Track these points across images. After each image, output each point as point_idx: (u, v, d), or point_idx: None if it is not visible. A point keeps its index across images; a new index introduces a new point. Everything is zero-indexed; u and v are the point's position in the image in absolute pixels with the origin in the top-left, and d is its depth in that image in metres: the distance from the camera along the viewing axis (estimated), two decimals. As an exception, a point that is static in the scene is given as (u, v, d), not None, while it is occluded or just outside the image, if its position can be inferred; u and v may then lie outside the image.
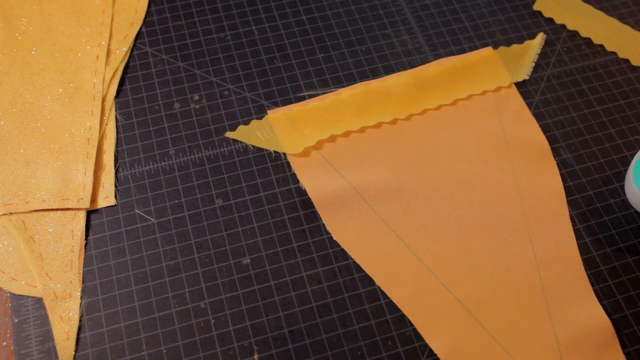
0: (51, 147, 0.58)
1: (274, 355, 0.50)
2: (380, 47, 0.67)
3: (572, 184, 0.59)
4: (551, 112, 0.63)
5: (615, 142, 0.62)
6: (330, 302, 0.52)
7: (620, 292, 0.53)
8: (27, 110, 0.60)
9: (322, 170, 0.57)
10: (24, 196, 0.55)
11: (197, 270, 0.53)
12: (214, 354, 0.50)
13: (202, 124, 0.61)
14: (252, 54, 0.65)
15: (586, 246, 0.56)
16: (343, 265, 0.54)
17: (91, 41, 0.64)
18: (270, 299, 0.52)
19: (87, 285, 0.52)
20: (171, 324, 0.51)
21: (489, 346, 0.50)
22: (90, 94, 0.61)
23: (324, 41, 0.67)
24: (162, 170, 0.58)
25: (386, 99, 0.61)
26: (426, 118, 0.61)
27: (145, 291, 0.52)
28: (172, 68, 0.64)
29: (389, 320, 0.52)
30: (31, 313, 0.51)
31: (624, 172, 0.60)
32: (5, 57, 0.62)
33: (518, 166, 0.59)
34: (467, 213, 0.56)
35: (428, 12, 0.70)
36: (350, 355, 0.50)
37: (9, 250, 0.53)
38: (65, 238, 0.54)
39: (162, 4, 0.68)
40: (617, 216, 0.57)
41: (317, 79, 0.64)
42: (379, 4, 0.70)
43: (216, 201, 0.57)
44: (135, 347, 0.50)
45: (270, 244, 0.55)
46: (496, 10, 0.70)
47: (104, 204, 0.56)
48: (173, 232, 0.55)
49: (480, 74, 0.64)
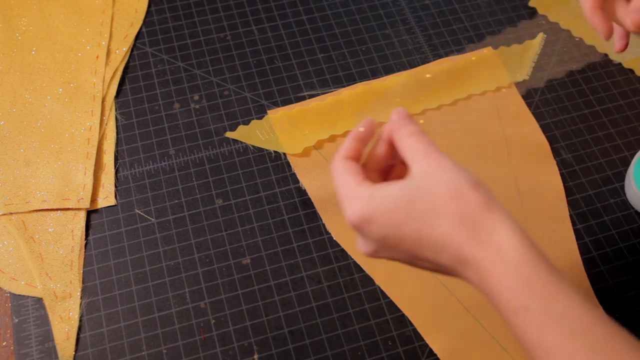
0: (51, 147, 0.58)
1: (274, 355, 0.50)
2: (380, 47, 0.67)
3: (572, 184, 0.59)
4: (551, 112, 0.63)
5: (615, 142, 0.62)
6: (330, 302, 0.52)
7: (620, 292, 0.53)
8: (27, 110, 0.60)
9: (322, 170, 0.57)
10: (24, 196, 0.55)
11: (197, 270, 0.53)
12: (214, 354, 0.50)
13: (202, 124, 0.61)
14: (252, 54, 0.65)
15: (586, 246, 0.56)
16: (343, 265, 0.54)
17: (91, 41, 0.64)
18: (270, 299, 0.52)
19: (87, 285, 0.52)
20: (171, 324, 0.51)
21: (489, 346, 0.50)
22: (90, 94, 0.61)
23: (324, 41, 0.67)
24: (162, 170, 0.58)
25: (386, 99, 0.61)
26: (426, 118, 0.61)
27: (145, 291, 0.52)
28: (172, 68, 0.64)
29: (389, 320, 0.52)
30: (31, 313, 0.51)
31: (624, 172, 0.60)
32: (5, 57, 0.62)
33: (518, 166, 0.59)
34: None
35: (428, 12, 0.70)
36: (350, 355, 0.50)
37: (9, 250, 0.53)
38: (65, 238, 0.54)
39: (162, 4, 0.68)
40: (617, 216, 0.57)
41: (317, 79, 0.64)
42: (379, 4, 0.70)
43: (216, 201, 0.57)
44: (135, 347, 0.50)
45: (270, 244, 0.55)
46: (496, 10, 0.70)
47: (104, 204, 0.56)
48: (173, 232, 0.55)
49: (480, 74, 0.64)
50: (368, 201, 0.36)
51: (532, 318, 0.32)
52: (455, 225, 0.34)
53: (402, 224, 0.35)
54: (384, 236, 0.36)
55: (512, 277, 0.33)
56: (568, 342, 0.32)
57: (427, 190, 0.35)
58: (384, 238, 0.36)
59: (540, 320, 0.32)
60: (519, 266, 0.33)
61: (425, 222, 0.35)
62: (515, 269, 0.33)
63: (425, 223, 0.35)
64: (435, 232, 0.35)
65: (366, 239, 0.38)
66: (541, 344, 0.32)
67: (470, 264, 0.34)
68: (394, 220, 0.35)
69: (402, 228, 0.35)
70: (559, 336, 0.32)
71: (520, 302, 0.33)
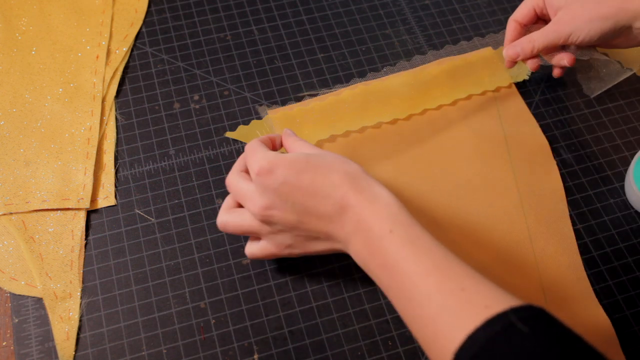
0: (51, 147, 0.58)
1: (274, 355, 0.50)
2: (380, 47, 0.67)
3: (572, 184, 0.59)
4: (551, 112, 0.63)
5: (615, 142, 0.62)
6: (330, 302, 0.52)
7: (620, 292, 0.53)
8: (27, 110, 0.60)
9: (322, 170, 0.57)
10: (24, 196, 0.55)
11: (197, 270, 0.53)
12: (214, 354, 0.50)
13: (202, 124, 0.61)
14: (252, 54, 0.65)
15: (586, 246, 0.56)
16: (343, 266, 0.54)
17: (91, 41, 0.64)
18: (270, 299, 0.52)
19: (87, 285, 0.52)
20: (171, 324, 0.51)
21: (489, 346, 0.50)
22: (90, 94, 0.61)
23: (324, 41, 0.67)
24: (162, 170, 0.58)
25: (386, 99, 0.61)
26: (426, 118, 0.61)
27: (145, 291, 0.52)
28: (172, 68, 0.64)
29: (389, 320, 0.52)
30: (31, 313, 0.51)
31: (624, 172, 0.60)
32: (5, 57, 0.62)
33: (518, 166, 0.59)
34: (467, 213, 0.56)
35: (428, 12, 0.70)
36: (350, 355, 0.50)
37: (9, 250, 0.53)
38: (65, 238, 0.54)
39: (162, 4, 0.68)
40: (617, 216, 0.57)
41: (317, 79, 0.64)
42: (379, 4, 0.70)
43: (216, 201, 0.57)
44: (135, 347, 0.50)
45: (270, 244, 0.54)
46: (496, 10, 0.70)
47: (104, 204, 0.56)
48: (173, 232, 0.55)
49: (480, 74, 0.64)
50: (275, 156, 0.46)
51: (395, 238, 0.42)
52: (343, 178, 0.45)
53: (302, 171, 0.45)
54: (283, 182, 0.45)
55: (384, 212, 0.43)
56: (420, 258, 0.41)
57: (321, 155, 0.47)
58: (283, 184, 0.45)
59: (400, 240, 0.42)
60: (390, 205, 0.44)
61: (319, 171, 0.45)
62: (386, 207, 0.44)
63: (319, 172, 0.45)
64: (327, 181, 0.45)
65: (262, 192, 0.46)
66: (400, 259, 0.42)
67: (351, 208, 0.44)
68: (295, 167, 0.45)
69: (301, 175, 0.45)
70: (413, 252, 0.42)
71: (387, 228, 0.43)
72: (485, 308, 0.38)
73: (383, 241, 0.43)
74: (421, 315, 0.40)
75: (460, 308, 0.39)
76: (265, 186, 0.46)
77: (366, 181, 0.45)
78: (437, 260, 0.41)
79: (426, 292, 0.40)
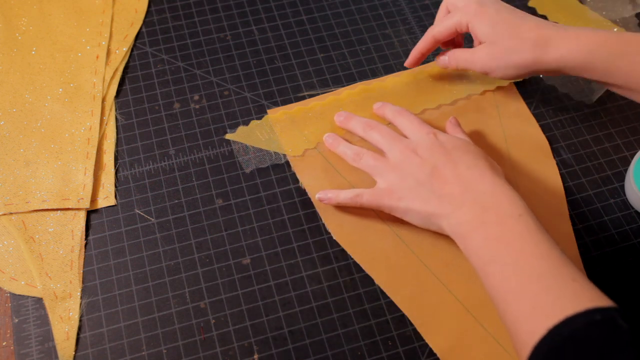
0: (51, 147, 0.58)
1: (274, 355, 0.50)
2: (380, 47, 0.67)
3: (572, 184, 0.59)
4: (551, 112, 0.63)
5: (615, 142, 0.62)
6: (330, 302, 0.52)
7: (620, 292, 0.53)
8: (27, 110, 0.60)
9: (322, 170, 0.57)
10: (24, 196, 0.55)
11: (197, 270, 0.53)
12: (214, 354, 0.50)
13: (202, 124, 0.61)
14: (252, 54, 0.65)
15: (586, 246, 0.56)
16: (343, 265, 0.54)
17: (91, 41, 0.64)
18: (270, 299, 0.52)
19: (87, 285, 0.52)
20: (171, 324, 0.51)
21: (488, 346, 0.50)
22: (90, 94, 0.61)
23: (324, 41, 0.67)
24: (162, 170, 0.58)
25: (386, 99, 0.61)
26: (426, 118, 0.61)
27: (145, 291, 0.52)
28: (172, 68, 0.64)
29: (389, 320, 0.52)
30: (31, 313, 0.51)
31: (624, 172, 0.60)
32: (5, 57, 0.62)
33: (518, 166, 0.59)
34: (467, 213, 0.56)
35: (428, 12, 0.70)
36: (350, 355, 0.50)
37: (9, 250, 0.53)
38: (65, 238, 0.54)
39: (162, 4, 0.68)
40: (617, 216, 0.57)
41: (317, 79, 0.64)
42: (379, 4, 0.70)
43: (216, 201, 0.57)
44: (135, 347, 0.50)
45: (270, 244, 0.55)
46: (496, 10, 0.70)
47: (104, 204, 0.56)
48: (173, 232, 0.55)
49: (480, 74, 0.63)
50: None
51: (522, 222, 0.46)
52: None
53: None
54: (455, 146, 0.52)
55: (517, 197, 0.48)
56: (543, 244, 0.45)
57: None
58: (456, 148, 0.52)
59: (526, 225, 0.46)
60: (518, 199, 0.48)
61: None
62: (517, 197, 0.48)
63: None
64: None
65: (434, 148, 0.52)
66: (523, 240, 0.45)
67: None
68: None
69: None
70: (538, 239, 0.45)
71: (517, 212, 0.46)
72: (590, 301, 0.40)
73: (509, 219, 0.46)
74: (522, 290, 0.43)
75: (566, 294, 0.41)
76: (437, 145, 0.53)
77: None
78: (557, 252, 0.44)
79: (538, 272, 0.43)
